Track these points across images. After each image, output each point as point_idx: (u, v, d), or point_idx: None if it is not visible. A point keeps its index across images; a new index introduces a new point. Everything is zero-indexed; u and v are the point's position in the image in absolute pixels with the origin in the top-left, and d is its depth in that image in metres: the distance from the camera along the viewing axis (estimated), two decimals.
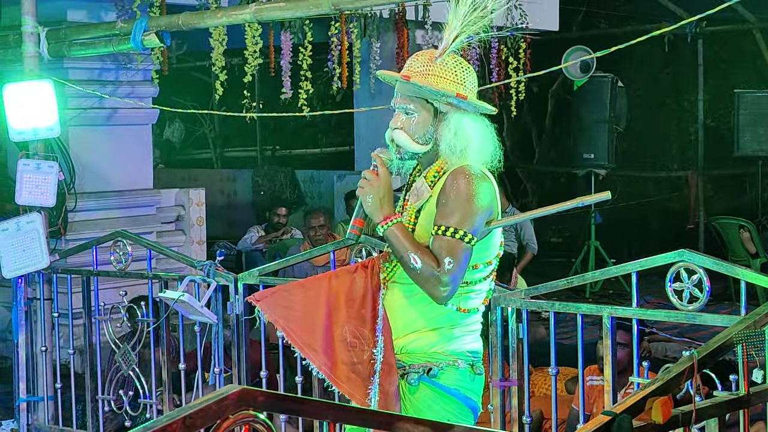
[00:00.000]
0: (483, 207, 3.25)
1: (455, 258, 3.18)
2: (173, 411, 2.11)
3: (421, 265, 3.20)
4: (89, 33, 6.39)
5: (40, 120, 5.71)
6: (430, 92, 3.32)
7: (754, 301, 5.30)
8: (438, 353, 3.34)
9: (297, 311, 3.40)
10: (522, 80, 9.38)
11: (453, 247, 3.19)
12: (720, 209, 12.71)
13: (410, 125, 3.36)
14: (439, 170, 3.34)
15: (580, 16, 13.94)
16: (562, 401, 5.07)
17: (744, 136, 11.57)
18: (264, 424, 2.19)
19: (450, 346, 3.35)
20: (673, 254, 3.92)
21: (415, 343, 3.36)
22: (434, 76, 3.31)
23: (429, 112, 3.34)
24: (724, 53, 14.12)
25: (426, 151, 3.36)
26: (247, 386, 2.14)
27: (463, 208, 3.21)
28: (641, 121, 14.45)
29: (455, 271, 3.19)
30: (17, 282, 5.94)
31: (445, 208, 3.23)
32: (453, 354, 3.35)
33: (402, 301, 3.38)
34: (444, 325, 3.35)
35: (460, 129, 3.31)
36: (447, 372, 3.34)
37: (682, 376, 2.68)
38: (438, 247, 3.21)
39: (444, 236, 3.20)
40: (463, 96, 3.31)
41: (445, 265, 3.18)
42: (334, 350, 3.34)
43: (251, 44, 7.44)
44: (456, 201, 3.22)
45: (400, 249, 3.25)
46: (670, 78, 14.69)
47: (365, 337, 3.35)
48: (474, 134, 3.32)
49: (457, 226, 3.20)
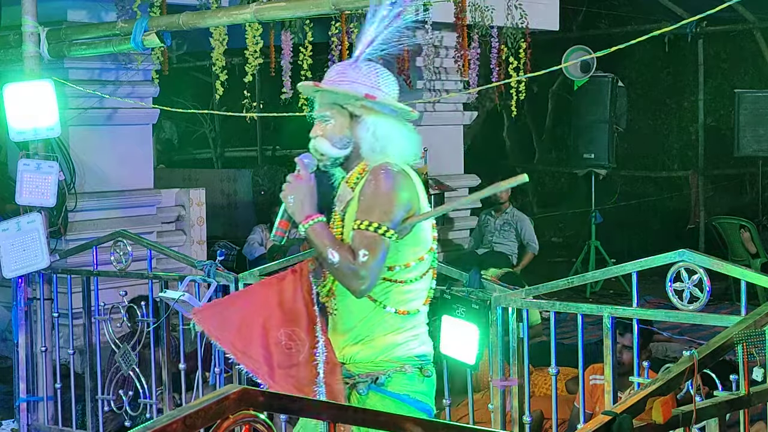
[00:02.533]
0: (401, 202, 3.29)
1: (371, 250, 3.22)
2: (173, 411, 2.11)
3: (338, 259, 3.24)
4: (89, 33, 6.39)
5: (41, 120, 5.71)
6: (341, 97, 3.41)
7: (754, 301, 5.30)
8: (384, 361, 3.38)
9: (232, 321, 3.46)
10: (522, 80, 9.37)
11: (370, 240, 3.23)
12: (720, 209, 12.72)
13: (328, 131, 3.45)
14: (362, 171, 3.42)
15: (580, 16, 13.94)
16: (562, 401, 5.07)
17: (744, 136, 11.58)
18: (264, 423, 2.19)
19: (395, 352, 3.38)
20: (674, 254, 3.92)
21: (361, 354, 3.40)
22: (346, 82, 3.41)
23: (344, 116, 3.42)
24: (724, 53, 14.13)
25: (347, 155, 3.45)
26: (247, 386, 2.14)
27: (381, 202, 3.27)
28: (641, 121, 14.45)
29: (371, 263, 3.22)
30: (17, 282, 5.94)
31: (363, 204, 3.30)
32: (399, 360, 3.38)
33: (345, 310, 3.43)
34: (387, 332, 3.38)
35: (377, 129, 3.39)
36: (395, 378, 3.38)
37: (683, 376, 2.68)
38: (357, 241, 3.26)
39: (361, 230, 3.25)
40: (372, 96, 3.37)
41: (360, 257, 3.22)
42: (271, 355, 3.38)
43: (252, 44, 7.44)
44: (374, 196, 3.28)
45: (319, 246, 3.31)
46: (670, 78, 14.70)
47: (301, 339, 3.39)
48: (392, 134, 3.40)
49: (374, 220, 3.25)
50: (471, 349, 4.35)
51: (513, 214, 10.11)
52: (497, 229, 10.01)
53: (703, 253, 3.96)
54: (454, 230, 10.78)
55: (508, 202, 10.16)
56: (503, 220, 10.04)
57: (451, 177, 10.39)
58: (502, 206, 10.11)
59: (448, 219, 10.26)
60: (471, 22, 9.26)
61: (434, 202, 9.54)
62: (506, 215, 10.06)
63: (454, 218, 10.71)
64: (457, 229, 10.81)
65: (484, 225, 10.13)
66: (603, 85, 11.09)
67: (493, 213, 10.15)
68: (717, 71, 14.01)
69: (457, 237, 10.79)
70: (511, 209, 10.17)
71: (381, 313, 3.36)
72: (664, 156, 14.92)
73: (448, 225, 10.47)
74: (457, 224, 10.79)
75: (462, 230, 10.84)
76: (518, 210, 10.36)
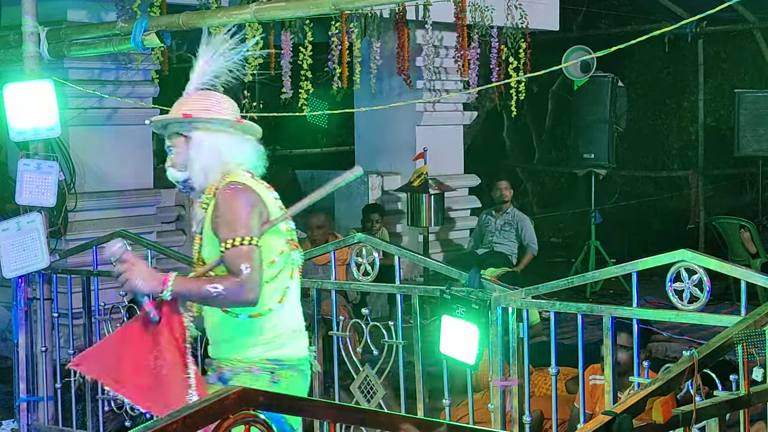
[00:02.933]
0: (251, 212, 3.52)
1: (249, 261, 3.44)
2: (173, 411, 2.11)
3: (221, 287, 3.44)
4: (89, 33, 6.38)
5: (41, 120, 5.71)
6: (172, 125, 3.70)
7: (754, 301, 5.28)
8: (235, 360, 3.60)
9: (107, 357, 3.67)
10: (522, 80, 9.37)
11: (245, 253, 3.45)
12: (720, 209, 12.71)
13: (173, 160, 3.71)
14: (211, 191, 3.62)
15: (580, 16, 13.93)
16: (562, 401, 5.07)
17: (744, 136, 11.57)
18: (264, 423, 2.19)
19: (247, 353, 3.59)
20: (673, 254, 3.92)
21: (219, 353, 3.66)
22: (173, 110, 3.70)
23: (181, 141, 3.68)
24: (724, 53, 14.12)
25: (191, 176, 3.67)
26: (247, 386, 2.15)
27: (237, 218, 3.49)
28: (641, 121, 14.44)
29: (254, 273, 3.45)
30: (17, 282, 5.94)
31: (221, 226, 3.51)
32: (247, 360, 3.58)
33: (208, 315, 3.68)
34: (238, 334, 3.59)
35: (204, 146, 3.64)
36: (240, 377, 3.57)
37: (683, 376, 2.68)
38: (231, 261, 3.46)
39: (235, 247, 3.45)
40: (187, 114, 3.63)
41: (243, 272, 3.42)
42: (141, 377, 3.57)
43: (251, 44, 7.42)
44: (227, 215, 3.50)
45: (194, 293, 3.50)
46: (670, 78, 14.69)
47: (168, 358, 3.56)
48: (221, 147, 3.64)
49: (240, 235, 3.46)
50: (471, 349, 4.35)
51: (514, 214, 10.11)
52: (498, 229, 10.01)
53: (703, 253, 3.96)
54: (454, 230, 10.78)
55: (509, 203, 10.16)
56: (504, 220, 10.04)
57: (451, 177, 10.39)
58: (503, 206, 10.11)
59: (448, 219, 10.26)
60: (471, 22, 9.27)
61: (433, 202, 9.55)
62: (507, 215, 10.06)
63: (454, 218, 10.71)
64: (457, 229, 10.81)
65: (485, 225, 10.13)
66: (603, 85, 11.09)
67: (493, 213, 10.15)
68: (717, 71, 14.00)
69: (457, 237, 10.79)
70: (512, 209, 10.17)
71: (235, 318, 3.58)
72: (664, 156, 14.91)
73: (448, 225, 10.47)
74: (457, 224, 10.79)
75: (462, 230, 10.84)
76: (519, 210, 10.36)
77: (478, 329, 4.34)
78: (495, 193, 10.23)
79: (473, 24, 9.31)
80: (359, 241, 4.97)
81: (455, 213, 10.72)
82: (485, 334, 4.40)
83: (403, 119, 10.25)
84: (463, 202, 10.88)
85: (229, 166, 3.63)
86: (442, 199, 9.73)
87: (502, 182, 10.30)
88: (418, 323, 4.82)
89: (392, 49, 9.30)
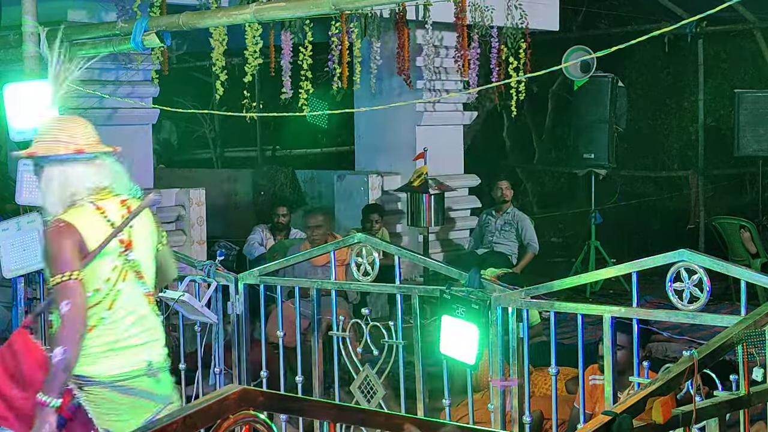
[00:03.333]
0: (65, 246, 3.66)
1: (68, 297, 3.60)
2: (173, 411, 2.11)
3: (64, 339, 3.58)
4: (89, 33, 6.39)
5: (41, 120, 5.70)
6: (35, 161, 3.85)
7: (754, 301, 5.29)
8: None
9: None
10: (522, 80, 9.38)
11: (63, 290, 3.61)
12: (720, 209, 12.70)
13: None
14: None
15: (580, 16, 13.93)
16: (562, 401, 5.07)
17: (744, 136, 11.57)
18: (264, 423, 2.19)
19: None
20: (673, 254, 3.92)
21: None
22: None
23: (40, 174, 3.85)
24: (724, 53, 14.11)
25: (46, 208, 3.83)
26: (247, 386, 2.15)
27: (52, 258, 3.66)
28: (641, 121, 14.44)
29: (72, 308, 3.59)
30: (17, 282, 5.94)
31: (47, 264, 3.71)
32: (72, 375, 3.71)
33: None
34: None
35: (52, 181, 3.78)
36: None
37: (683, 376, 2.68)
38: (56, 298, 3.64)
39: (56, 287, 3.63)
40: (30, 154, 3.82)
41: (63, 309, 3.59)
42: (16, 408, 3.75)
43: (251, 44, 7.44)
44: (50, 252, 3.69)
45: (59, 372, 3.57)
46: (670, 78, 14.68)
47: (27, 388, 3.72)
48: (69, 180, 3.79)
49: (57, 272, 3.62)
50: (471, 349, 4.35)
51: (514, 214, 10.11)
52: (498, 229, 10.01)
53: (703, 253, 3.96)
54: (454, 230, 10.78)
55: (509, 202, 10.16)
56: (504, 220, 10.03)
57: (451, 177, 10.39)
58: (503, 206, 10.11)
59: (448, 219, 10.27)
60: (471, 22, 9.27)
61: (433, 202, 9.55)
62: (507, 215, 10.06)
63: (454, 218, 10.71)
64: (457, 229, 10.82)
65: (485, 225, 10.13)
66: (603, 85, 11.08)
67: (494, 213, 10.15)
68: (717, 71, 14.00)
69: (457, 237, 10.79)
70: (512, 209, 10.17)
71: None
72: (664, 156, 14.90)
73: (448, 225, 10.47)
74: (457, 224, 10.80)
75: (462, 230, 10.85)
76: (519, 211, 10.36)
77: (478, 329, 4.34)
78: (495, 193, 10.22)
79: (473, 24, 9.31)
80: (359, 242, 4.98)
81: (455, 213, 10.72)
82: (485, 334, 4.40)
83: (403, 119, 10.25)
84: (463, 202, 10.88)
85: (77, 197, 3.76)
86: (442, 199, 9.73)
87: (503, 182, 10.30)
88: (418, 323, 4.82)
89: (392, 49, 9.31)
